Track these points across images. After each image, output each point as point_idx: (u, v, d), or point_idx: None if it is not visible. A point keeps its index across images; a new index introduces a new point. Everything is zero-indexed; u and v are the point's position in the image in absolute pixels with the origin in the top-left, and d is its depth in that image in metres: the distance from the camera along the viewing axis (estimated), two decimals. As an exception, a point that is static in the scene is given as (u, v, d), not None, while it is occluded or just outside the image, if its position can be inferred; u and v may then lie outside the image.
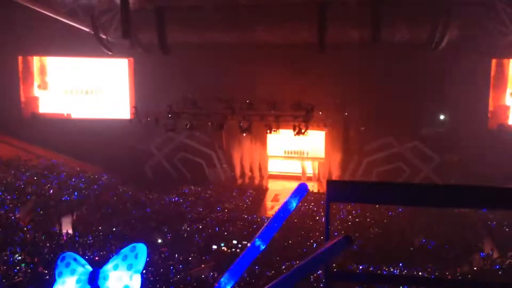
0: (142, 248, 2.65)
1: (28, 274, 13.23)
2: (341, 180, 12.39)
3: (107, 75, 28.27)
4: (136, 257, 2.60)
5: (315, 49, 21.94)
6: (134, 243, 2.65)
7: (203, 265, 15.39)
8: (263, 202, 25.43)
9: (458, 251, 16.43)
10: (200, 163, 27.38)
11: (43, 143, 26.30)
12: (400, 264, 15.16)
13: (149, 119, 23.14)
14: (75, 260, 2.56)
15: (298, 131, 21.84)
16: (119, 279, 2.57)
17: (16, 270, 13.37)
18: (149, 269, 13.54)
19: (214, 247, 17.31)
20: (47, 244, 15.93)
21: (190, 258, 15.83)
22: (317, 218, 20.23)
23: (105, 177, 25.38)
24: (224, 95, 23.75)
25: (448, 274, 14.19)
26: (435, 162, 24.73)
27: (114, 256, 2.62)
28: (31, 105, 28.32)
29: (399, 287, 2.66)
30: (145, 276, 12.76)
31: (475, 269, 15.19)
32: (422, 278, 8.08)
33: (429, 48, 22.08)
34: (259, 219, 21.00)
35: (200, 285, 13.15)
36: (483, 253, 16.27)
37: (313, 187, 26.26)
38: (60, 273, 2.54)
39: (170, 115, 22.80)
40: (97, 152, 25.95)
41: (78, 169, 25.57)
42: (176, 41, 23.82)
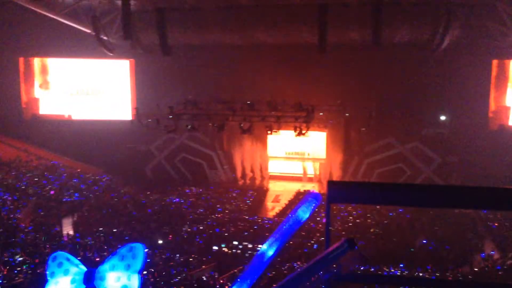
0: (139, 248, 2.62)
1: (28, 275, 13.21)
2: (342, 181, 12.39)
3: (108, 76, 28.31)
4: (134, 257, 2.56)
5: (315, 50, 21.92)
6: (131, 244, 2.61)
7: (203, 266, 15.37)
8: (264, 203, 25.42)
9: (459, 251, 16.41)
10: (200, 164, 27.40)
11: (44, 144, 26.33)
12: (401, 265, 15.14)
13: (150, 120, 23.11)
14: (68, 260, 2.49)
15: (299, 132, 21.78)
16: (117, 279, 2.54)
17: (16, 271, 13.35)
18: (149, 270, 13.53)
19: (215, 248, 17.30)
20: (47, 245, 15.92)
21: (190, 259, 15.81)
22: (318, 218, 20.20)
23: (106, 178, 25.40)
24: (224, 96, 23.78)
25: (449, 275, 14.17)
26: (435, 163, 24.71)
27: (111, 257, 2.57)
28: (32, 106, 28.35)
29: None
30: (145, 277, 12.76)
31: (476, 270, 15.16)
32: (423, 279, 8.08)
33: (430, 49, 22.08)
34: (260, 220, 20.99)
35: (201, 286, 13.13)
36: (483, 254, 16.25)
37: (314, 188, 26.26)
38: (53, 273, 2.46)
39: (171, 116, 22.77)
40: (98, 153, 26.01)
41: (79, 170, 25.59)
42: (177, 42, 23.85)
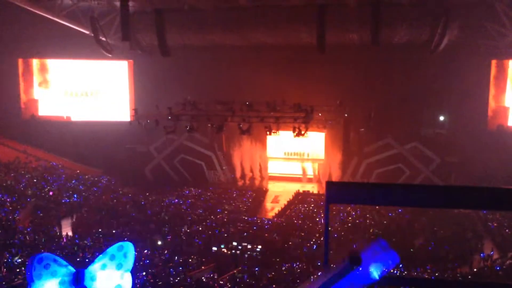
0: (129, 246, 2.63)
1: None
2: (341, 182, 12.38)
3: (107, 77, 28.29)
4: (125, 256, 2.57)
5: (315, 51, 21.93)
6: (120, 242, 2.61)
7: (203, 267, 15.36)
8: (263, 203, 25.42)
9: (458, 252, 16.41)
10: (200, 164, 27.40)
11: (42, 145, 26.29)
12: (400, 265, 15.12)
13: (149, 121, 23.12)
14: (55, 261, 2.47)
15: (298, 133, 21.77)
16: (109, 279, 2.54)
17: (15, 272, 13.31)
18: (149, 271, 13.52)
19: (214, 248, 17.29)
20: (47, 246, 15.89)
21: (190, 260, 15.80)
22: (317, 219, 20.21)
23: (105, 179, 25.40)
24: (223, 97, 23.77)
25: (448, 275, 14.17)
26: (434, 163, 24.73)
27: (100, 256, 2.56)
28: (31, 107, 28.34)
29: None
30: (145, 278, 12.73)
31: (475, 270, 15.16)
32: (423, 279, 8.08)
33: (429, 50, 22.10)
34: (259, 221, 20.98)
35: (200, 287, 13.12)
36: (483, 254, 16.26)
37: (313, 188, 26.26)
38: (39, 275, 2.43)
39: (170, 117, 22.75)
40: (97, 154, 25.99)
41: (78, 171, 25.58)
42: (175, 43, 23.85)
